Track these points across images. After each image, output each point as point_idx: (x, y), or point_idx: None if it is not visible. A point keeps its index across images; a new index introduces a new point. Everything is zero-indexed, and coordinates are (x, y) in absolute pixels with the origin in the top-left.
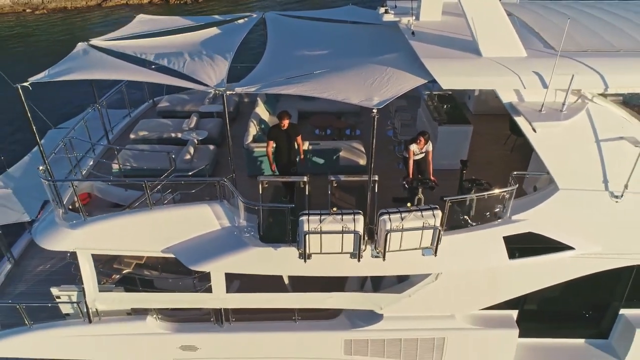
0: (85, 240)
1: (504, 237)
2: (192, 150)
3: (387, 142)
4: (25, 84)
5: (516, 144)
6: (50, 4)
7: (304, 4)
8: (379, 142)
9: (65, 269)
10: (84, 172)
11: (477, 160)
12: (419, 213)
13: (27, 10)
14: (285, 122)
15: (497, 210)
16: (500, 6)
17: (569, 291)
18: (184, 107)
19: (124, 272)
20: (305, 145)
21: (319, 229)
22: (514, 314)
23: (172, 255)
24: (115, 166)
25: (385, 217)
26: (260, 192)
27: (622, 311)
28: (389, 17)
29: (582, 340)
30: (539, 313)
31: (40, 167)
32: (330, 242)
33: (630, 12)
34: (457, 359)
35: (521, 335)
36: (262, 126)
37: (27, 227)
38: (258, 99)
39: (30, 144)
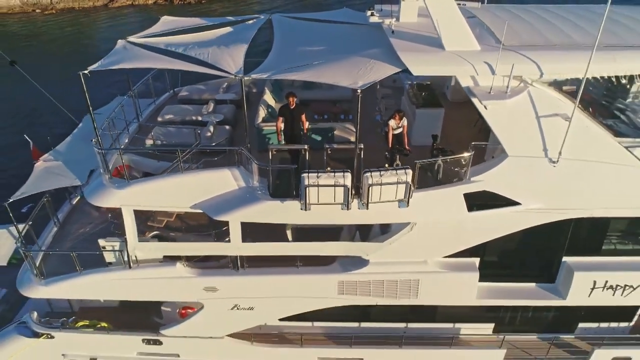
0: (129, 198)
1: (464, 194)
2: (211, 129)
3: (376, 125)
4: (85, 71)
5: (484, 127)
6: (58, 5)
7: (302, 5)
8: (368, 126)
9: (102, 232)
10: (122, 147)
11: (450, 139)
12: (394, 172)
13: (37, 11)
14: (292, 100)
15: (459, 172)
16: (459, 11)
17: (520, 242)
18: (201, 95)
19: (157, 228)
20: (307, 125)
21: (317, 183)
22: (476, 261)
23: (199, 210)
24: (149, 142)
25: (368, 174)
26: (270, 158)
27: (564, 259)
28: (374, 19)
29: (533, 284)
30: (496, 261)
31: (93, 140)
32: (325, 194)
33: (571, 14)
34: (429, 297)
35: (482, 279)
36: (269, 110)
37: (67, 196)
38: (265, 88)
39: (64, 127)
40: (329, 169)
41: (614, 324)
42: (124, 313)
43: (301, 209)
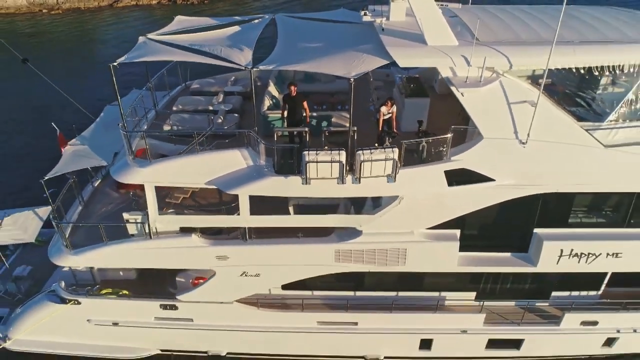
0: (151, 176)
1: (445, 172)
2: (222, 116)
3: (369, 114)
4: (114, 63)
5: (466, 115)
6: (64, 5)
7: (301, 5)
8: (361, 115)
9: (122, 210)
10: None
11: (436, 126)
12: (382, 150)
13: (44, 11)
14: (293, 89)
15: (441, 152)
16: (439, 11)
17: (496, 215)
18: (211, 87)
19: (174, 205)
20: (308, 111)
21: (316, 160)
22: (457, 232)
23: (213, 186)
24: (166, 127)
25: (360, 152)
26: (275, 139)
27: (535, 230)
28: (367, 18)
29: (508, 254)
30: (475, 233)
31: (119, 124)
32: (323, 170)
33: (542, 13)
34: (415, 264)
35: (463, 249)
36: (274, 100)
37: (89, 179)
38: (270, 80)
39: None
40: (326, 147)
41: (583, 292)
42: (141, 285)
43: (302, 184)
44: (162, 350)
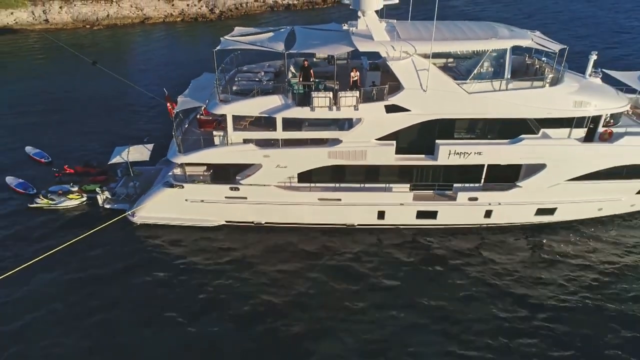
0: (230, 109)
1: (384, 106)
2: (265, 81)
3: (348, 84)
4: (216, 48)
5: (396, 78)
6: (103, 21)
7: (301, 21)
8: (343, 81)
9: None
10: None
11: (383, 84)
12: (351, 92)
13: (87, 26)
14: (306, 63)
15: (383, 95)
16: (380, 25)
17: (414, 132)
18: (254, 70)
19: (243, 127)
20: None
21: (318, 96)
22: (394, 142)
23: (265, 115)
24: (235, 87)
25: (340, 93)
26: (296, 88)
27: (437, 141)
28: (345, 27)
29: (423, 155)
30: (404, 143)
31: (216, 77)
32: (321, 102)
33: (441, 24)
34: (371, 159)
35: (397, 152)
36: (292, 74)
37: (180, 124)
38: (290, 64)
39: (144, 105)
40: (322, 91)
41: (472, 184)
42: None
43: (310, 110)
44: (226, 222)
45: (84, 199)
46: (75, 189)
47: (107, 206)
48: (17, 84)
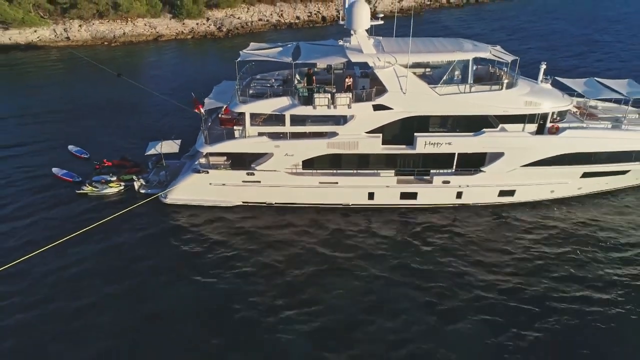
0: (249, 108)
1: (372, 105)
2: (275, 86)
3: (343, 86)
4: (237, 59)
5: (382, 83)
6: (120, 38)
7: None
8: (340, 88)
9: (225, 134)
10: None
11: (371, 88)
12: (346, 94)
13: (104, 43)
14: (309, 71)
15: (371, 97)
16: (369, 41)
17: (397, 126)
18: (266, 77)
19: (258, 122)
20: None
21: (319, 97)
22: (381, 134)
23: (276, 112)
24: (251, 91)
25: (337, 94)
26: (302, 92)
27: (415, 134)
28: (340, 43)
29: (404, 145)
30: (389, 136)
31: (236, 83)
32: (322, 101)
33: (417, 40)
34: (362, 149)
35: (384, 143)
36: (297, 80)
37: (204, 123)
38: (296, 73)
39: (168, 111)
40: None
41: (445, 170)
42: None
43: (313, 109)
44: (243, 202)
45: (122, 187)
46: (114, 178)
47: (142, 191)
48: (50, 93)
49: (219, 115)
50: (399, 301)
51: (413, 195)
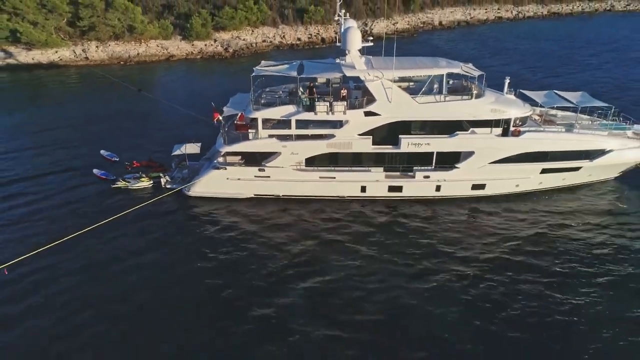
0: (260, 114)
1: (364, 112)
2: (283, 96)
3: (339, 96)
4: (252, 74)
5: (372, 94)
6: (135, 58)
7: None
8: (336, 97)
9: (240, 137)
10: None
11: (362, 98)
12: (342, 102)
13: (120, 62)
14: (311, 84)
15: (363, 105)
16: (361, 59)
17: (384, 130)
18: (274, 89)
19: (269, 126)
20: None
21: (321, 105)
22: (371, 136)
23: (284, 118)
24: (262, 101)
25: (335, 102)
26: (305, 102)
27: (400, 136)
28: (338, 61)
29: (391, 146)
30: (378, 138)
31: (250, 95)
32: (322, 108)
33: (402, 58)
34: (356, 148)
35: (374, 144)
36: (301, 92)
37: (222, 128)
38: (300, 87)
39: (187, 122)
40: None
41: (425, 166)
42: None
43: (314, 114)
44: (255, 195)
45: (151, 183)
46: (144, 176)
47: (168, 186)
48: (74, 108)
49: (235, 122)
50: (384, 273)
51: (399, 189)
